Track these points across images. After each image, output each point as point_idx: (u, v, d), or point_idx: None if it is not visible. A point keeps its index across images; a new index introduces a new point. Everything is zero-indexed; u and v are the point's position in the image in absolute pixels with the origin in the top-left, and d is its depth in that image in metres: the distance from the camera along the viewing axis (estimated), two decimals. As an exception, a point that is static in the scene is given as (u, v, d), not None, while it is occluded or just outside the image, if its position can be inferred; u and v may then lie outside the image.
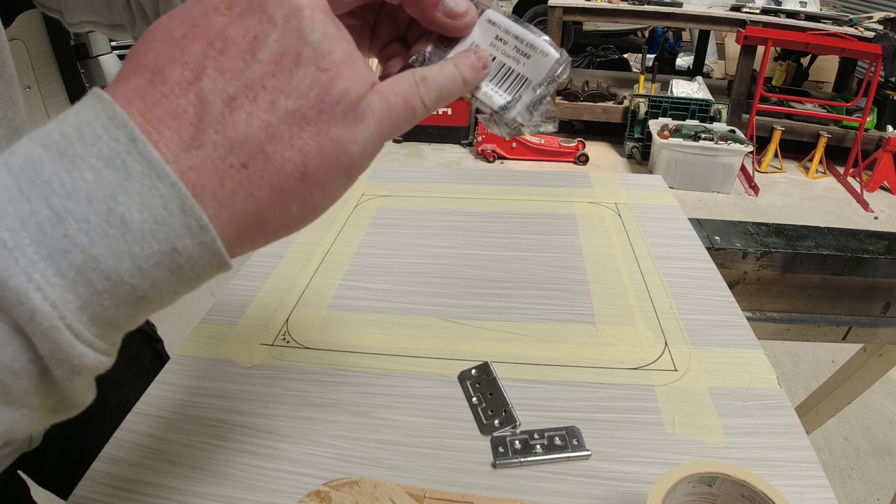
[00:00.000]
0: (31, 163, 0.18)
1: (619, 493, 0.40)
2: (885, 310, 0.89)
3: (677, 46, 5.52)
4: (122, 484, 0.40)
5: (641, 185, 0.86)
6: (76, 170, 0.18)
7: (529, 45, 0.28)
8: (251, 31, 0.21)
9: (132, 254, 0.19)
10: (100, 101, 0.20)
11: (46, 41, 2.44)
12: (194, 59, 0.21)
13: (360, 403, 0.47)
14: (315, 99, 0.22)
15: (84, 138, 0.19)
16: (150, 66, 0.21)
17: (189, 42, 0.21)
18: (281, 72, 0.21)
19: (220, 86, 0.21)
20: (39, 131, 0.20)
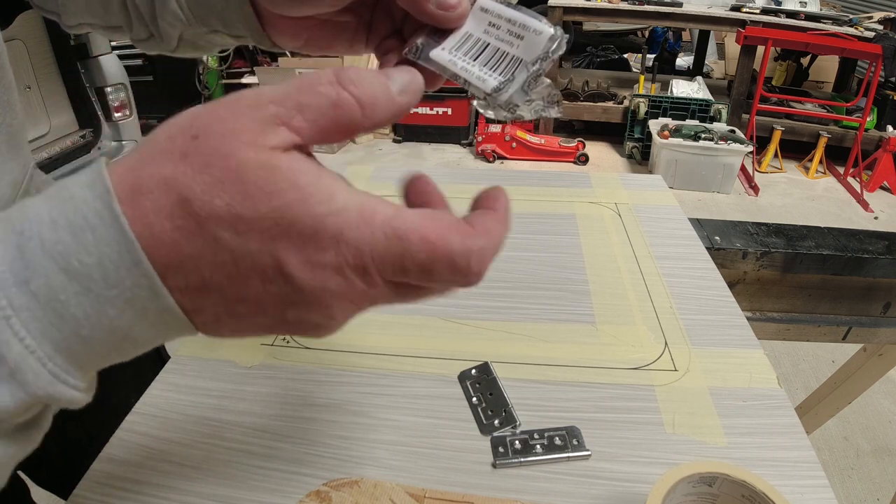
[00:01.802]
0: (55, 292, 0.20)
1: (619, 493, 0.40)
2: (885, 310, 0.89)
3: (677, 46, 5.52)
4: (122, 484, 0.40)
5: (641, 185, 0.86)
6: (101, 307, 0.21)
7: (522, 26, 0.28)
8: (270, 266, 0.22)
9: (134, 351, 0.23)
10: (121, 235, 0.20)
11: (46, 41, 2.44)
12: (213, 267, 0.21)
13: (360, 403, 0.47)
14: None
15: (108, 279, 0.20)
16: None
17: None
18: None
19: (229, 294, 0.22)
20: (51, 239, 0.20)
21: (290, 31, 0.34)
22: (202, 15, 0.34)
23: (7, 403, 0.20)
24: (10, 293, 0.20)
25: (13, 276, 0.20)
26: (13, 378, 0.20)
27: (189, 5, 0.34)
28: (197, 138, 0.21)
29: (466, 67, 0.27)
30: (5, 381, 0.20)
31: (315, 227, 0.21)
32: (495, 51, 0.28)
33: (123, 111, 2.69)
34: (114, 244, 0.20)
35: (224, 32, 0.35)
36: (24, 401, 0.21)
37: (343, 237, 0.21)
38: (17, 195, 0.39)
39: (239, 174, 0.20)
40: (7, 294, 0.20)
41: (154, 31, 0.36)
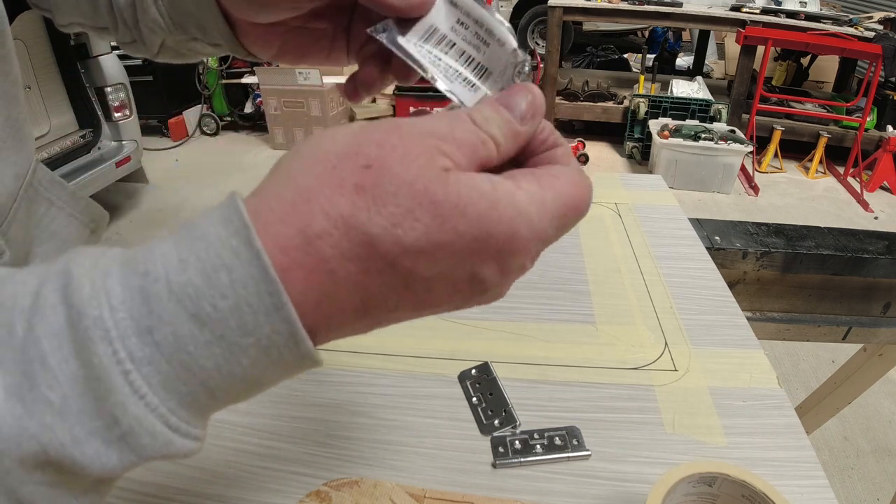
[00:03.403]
0: (183, 343, 0.18)
1: (619, 493, 0.40)
2: (885, 310, 0.89)
3: (677, 46, 5.52)
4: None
5: (641, 185, 0.86)
6: (234, 358, 0.19)
7: (488, 32, 0.27)
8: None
9: (258, 391, 0.22)
10: (263, 275, 0.18)
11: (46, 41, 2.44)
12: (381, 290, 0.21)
13: (360, 403, 0.47)
14: None
15: (245, 326, 0.18)
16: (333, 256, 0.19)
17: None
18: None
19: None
20: (179, 281, 0.18)
21: (262, 38, 0.33)
22: (181, 22, 0.34)
23: (113, 467, 0.19)
24: (129, 344, 0.18)
25: (134, 325, 0.18)
26: (124, 441, 0.18)
27: (168, 12, 0.33)
28: (370, 168, 0.19)
29: (431, 69, 0.26)
30: (114, 444, 0.18)
31: (510, 234, 0.20)
32: (461, 52, 0.27)
33: (123, 111, 2.70)
34: (252, 285, 0.18)
35: (203, 40, 0.34)
36: (132, 463, 0.19)
37: (533, 235, 0.21)
38: (22, 188, 0.39)
39: (429, 197, 0.19)
40: (126, 345, 0.18)
41: (137, 36, 0.36)
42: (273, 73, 3.37)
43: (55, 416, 0.18)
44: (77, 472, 0.18)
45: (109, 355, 0.18)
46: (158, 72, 3.50)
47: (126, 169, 2.68)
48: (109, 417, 0.18)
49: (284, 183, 0.20)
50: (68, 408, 0.18)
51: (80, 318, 0.18)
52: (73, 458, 0.18)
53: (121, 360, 0.18)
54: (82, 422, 0.18)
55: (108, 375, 0.18)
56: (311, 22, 0.32)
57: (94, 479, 0.19)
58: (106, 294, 0.18)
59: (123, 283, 0.18)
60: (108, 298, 0.18)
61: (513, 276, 0.22)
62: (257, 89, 3.60)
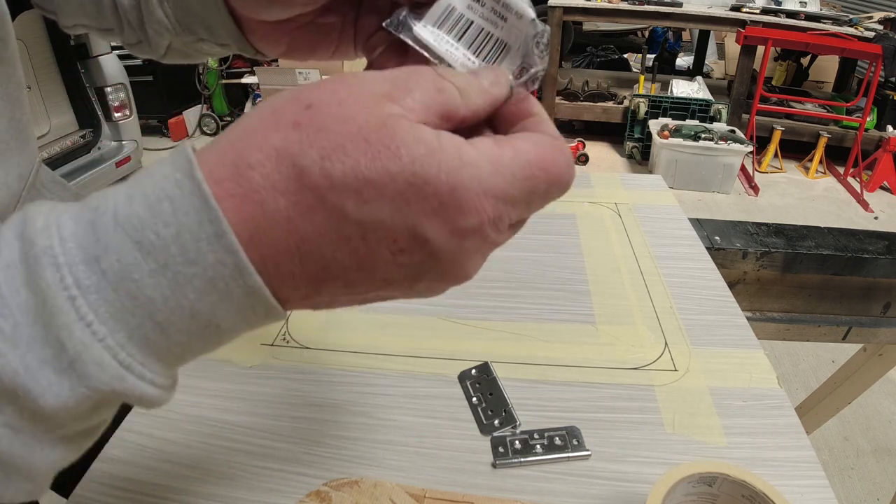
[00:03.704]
0: (127, 270, 0.18)
1: (619, 493, 0.40)
2: (885, 310, 0.89)
3: (677, 46, 5.52)
4: (122, 484, 0.40)
5: (641, 185, 0.86)
6: (179, 288, 0.19)
7: (505, 6, 0.26)
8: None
9: (218, 340, 0.22)
10: (203, 203, 0.19)
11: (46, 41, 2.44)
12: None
13: (360, 403, 0.47)
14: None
15: (187, 253, 0.19)
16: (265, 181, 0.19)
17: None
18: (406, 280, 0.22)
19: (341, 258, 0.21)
20: (125, 213, 0.19)
21: (271, 36, 0.32)
22: (187, 23, 0.34)
23: (65, 399, 0.19)
24: (76, 271, 0.18)
25: (82, 253, 0.18)
26: (73, 369, 0.18)
27: (174, 13, 0.33)
28: (311, 107, 0.19)
29: (450, 50, 0.26)
30: (65, 374, 0.18)
31: (451, 184, 0.19)
32: (479, 31, 0.26)
33: (123, 111, 2.70)
34: (193, 213, 0.18)
35: (210, 41, 0.34)
36: (84, 396, 0.19)
37: (482, 190, 0.20)
38: (25, 189, 0.39)
39: (362, 134, 0.19)
40: (74, 272, 0.18)
41: (143, 37, 0.36)
42: (273, 73, 3.37)
43: (7, 343, 0.18)
44: (32, 405, 0.18)
45: (57, 281, 0.18)
46: (158, 72, 3.51)
47: (126, 169, 2.68)
48: (57, 344, 0.18)
49: (230, 130, 0.21)
50: (20, 335, 0.18)
51: (31, 247, 0.18)
52: (26, 386, 0.18)
53: (67, 285, 0.18)
54: (33, 349, 0.18)
55: (55, 300, 0.18)
56: (319, 17, 0.32)
57: (54, 421, 0.19)
58: (57, 227, 0.19)
59: (75, 218, 0.19)
60: (59, 231, 0.19)
61: (470, 240, 0.21)
62: (257, 89, 3.60)
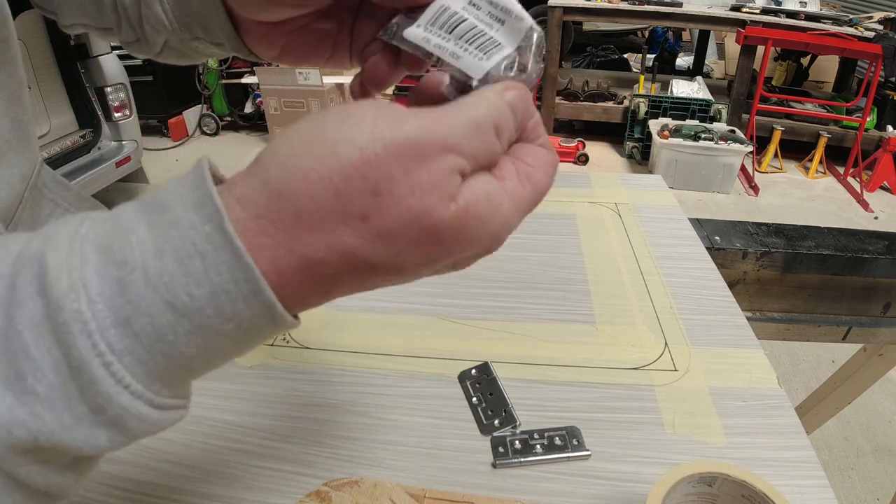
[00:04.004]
0: (161, 333, 0.18)
1: (619, 493, 0.40)
2: (885, 310, 0.89)
3: (677, 46, 5.52)
4: (122, 484, 0.40)
5: (641, 185, 0.86)
6: (214, 342, 0.19)
7: (504, 10, 0.26)
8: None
9: (234, 357, 0.21)
10: (236, 261, 0.18)
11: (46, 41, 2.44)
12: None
13: (360, 403, 0.47)
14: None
15: (223, 313, 0.18)
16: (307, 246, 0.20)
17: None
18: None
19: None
20: (155, 270, 0.18)
21: (266, 38, 0.32)
22: (185, 20, 0.34)
23: (104, 447, 0.19)
24: (108, 335, 0.18)
25: (112, 315, 0.18)
26: (112, 425, 0.19)
27: (172, 10, 0.33)
28: (379, 196, 0.19)
29: (440, 44, 0.25)
30: (103, 427, 0.19)
31: (492, 239, 0.22)
32: (472, 27, 0.26)
33: (123, 111, 2.70)
34: (227, 272, 0.18)
35: (206, 39, 0.34)
36: (122, 443, 0.20)
37: (508, 232, 0.23)
38: (27, 188, 0.39)
39: (437, 233, 0.20)
40: (105, 336, 0.18)
41: (140, 35, 0.36)
42: (273, 73, 3.37)
43: (43, 404, 0.18)
44: (68, 453, 0.19)
45: (89, 348, 0.18)
46: (158, 72, 3.50)
47: (126, 169, 2.68)
48: (95, 405, 0.18)
49: (280, 200, 0.19)
50: (54, 396, 0.18)
51: (59, 312, 0.18)
52: (64, 442, 0.18)
53: (101, 352, 0.18)
54: (69, 409, 0.18)
55: (90, 367, 0.18)
56: (315, 22, 0.32)
57: (84, 455, 0.20)
58: (84, 286, 0.18)
59: (101, 274, 0.18)
60: (87, 290, 0.18)
61: (472, 260, 0.23)
62: (257, 89, 3.60)
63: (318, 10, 0.31)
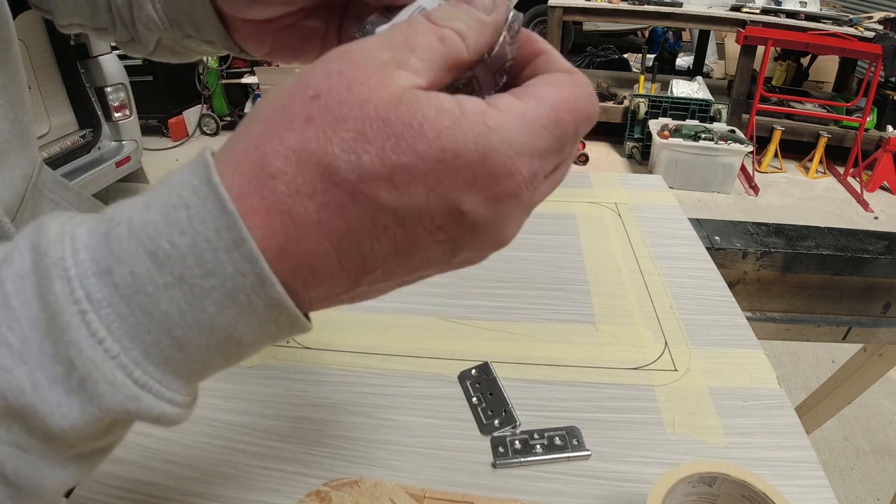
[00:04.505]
0: (141, 283, 0.17)
1: (619, 493, 0.40)
2: (885, 310, 0.89)
3: (677, 46, 5.52)
4: (122, 484, 0.40)
5: (641, 185, 0.86)
6: (196, 302, 0.18)
7: None
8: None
9: (240, 355, 0.21)
10: (221, 210, 0.17)
11: (46, 41, 2.44)
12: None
13: (360, 403, 0.47)
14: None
15: (204, 264, 0.17)
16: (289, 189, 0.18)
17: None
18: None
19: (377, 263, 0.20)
20: (140, 221, 0.18)
21: (255, 35, 0.33)
22: (176, 19, 0.34)
23: (76, 420, 0.18)
24: (88, 284, 0.17)
25: (94, 265, 0.17)
26: (82, 389, 0.18)
27: (164, 9, 0.34)
28: (318, 97, 0.18)
29: None
30: (75, 394, 0.18)
31: (482, 152, 0.18)
32: None
33: (123, 111, 2.70)
34: (210, 221, 0.17)
35: (197, 38, 0.35)
36: (96, 418, 0.18)
37: (514, 152, 0.18)
38: (28, 188, 0.40)
39: (381, 117, 0.18)
40: (84, 285, 0.17)
41: (134, 35, 0.36)
42: (273, 73, 3.37)
43: (14, 358, 0.17)
44: (41, 425, 0.18)
45: (67, 294, 0.17)
46: (158, 72, 3.50)
47: (126, 169, 2.68)
48: (67, 362, 0.17)
49: (240, 135, 0.19)
50: (28, 351, 0.17)
51: (43, 258, 0.18)
52: (34, 405, 0.17)
53: (77, 299, 0.17)
54: (43, 367, 0.17)
55: (64, 314, 0.17)
56: (303, 20, 0.32)
57: (65, 441, 0.19)
58: (71, 238, 0.18)
59: (90, 230, 0.18)
60: (73, 242, 0.18)
61: (507, 205, 0.19)
62: (257, 89, 3.60)
63: (305, 9, 0.31)
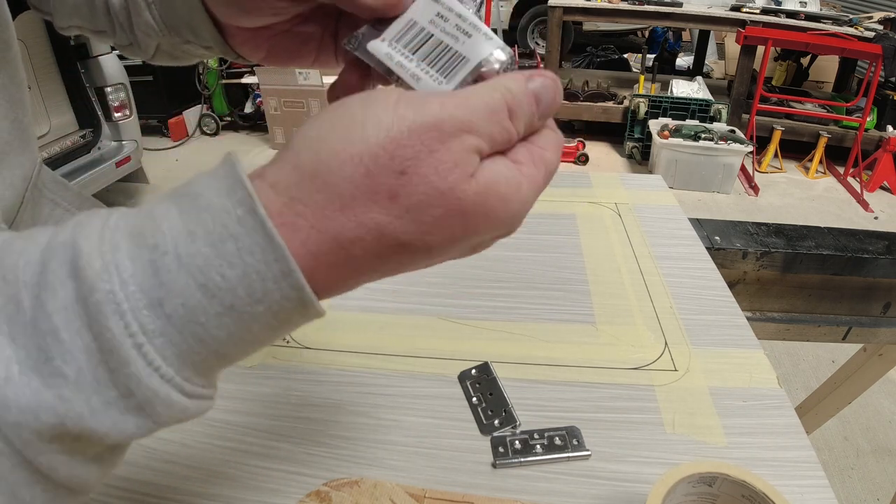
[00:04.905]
0: (193, 315, 0.19)
1: (619, 493, 0.40)
2: (885, 310, 0.89)
3: (677, 46, 5.52)
4: (122, 484, 0.40)
5: (641, 185, 0.86)
6: (244, 326, 0.19)
7: (472, 25, 0.26)
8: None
9: (262, 347, 0.22)
10: (268, 242, 0.19)
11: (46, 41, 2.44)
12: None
13: (360, 403, 0.47)
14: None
15: (253, 294, 0.19)
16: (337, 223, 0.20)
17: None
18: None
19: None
20: (188, 253, 0.19)
21: (251, 41, 0.33)
22: (174, 25, 0.34)
23: (131, 434, 0.19)
24: (141, 316, 0.18)
25: (145, 297, 0.18)
26: (141, 410, 0.19)
27: (161, 15, 0.34)
28: (405, 174, 0.20)
29: (402, 62, 0.25)
30: (131, 412, 0.19)
31: (513, 221, 0.23)
32: (437, 44, 0.25)
33: (123, 111, 2.70)
34: (259, 253, 0.19)
35: (195, 43, 0.35)
36: (150, 430, 0.20)
37: (526, 214, 0.23)
38: (28, 188, 0.40)
39: (462, 209, 0.21)
40: (138, 317, 0.18)
41: (133, 39, 0.36)
42: (273, 73, 3.36)
43: (71, 388, 0.18)
44: (95, 440, 0.19)
45: (122, 328, 0.18)
46: (158, 72, 3.50)
47: (126, 169, 2.68)
48: (124, 388, 0.18)
49: (312, 181, 0.20)
50: (83, 380, 0.18)
51: (91, 293, 0.18)
52: (92, 428, 0.18)
53: (133, 332, 0.18)
54: (98, 392, 0.18)
55: (121, 348, 0.18)
56: (298, 26, 0.32)
57: (110, 445, 0.20)
58: (116, 268, 0.18)
59: (133, 258, 0.19)
60: (119, 273, 0.18)
61: (493, 241, 0.25)
62: (257, 89, 3.60)
63: (300, 15, 0.31)
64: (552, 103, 0.24)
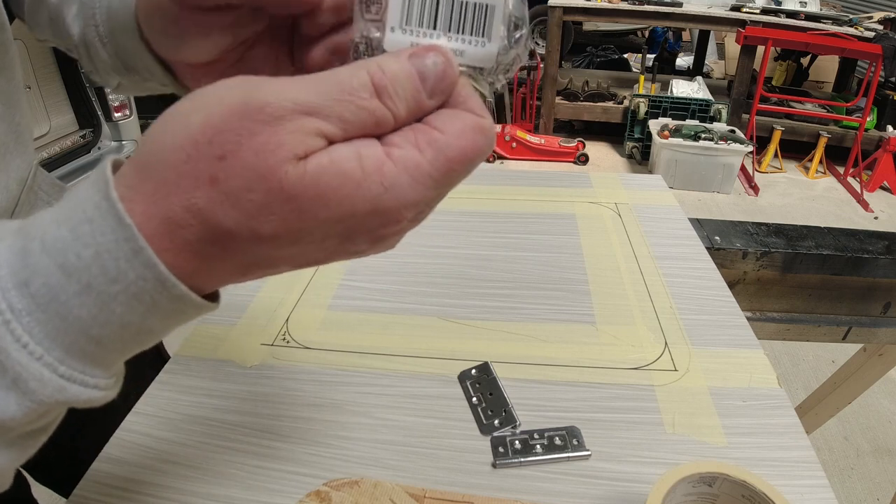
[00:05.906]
0: (54, 293, 0.20)
1: (619, 493, 0.40)
2: (885, 310, 0.89)
3: (677, 46, 5.52)
4: (122, 484, 0.40)
5: (641, 185, 0.86)
6: (105, 306, 0.20)
7: None
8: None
9: (154, 339, 0.23)
10: (118, 223, 0.19)
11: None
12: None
13: (360, 403, 0.47)
14: None
15: (107, 273, 0.19)
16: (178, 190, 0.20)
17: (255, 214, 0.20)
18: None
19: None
20: (52, 237, 0.20)
21: (203, 78, 0.30)
22: (129, 63, 0.33)
23: (14, 413, 0.20)
24: (9, 296, 0.20)
25: (13, 278, 0.20)
26: (16, 386, 0.20)
27: (117, 54, 0.33)
28: (224, 159, 0.19)
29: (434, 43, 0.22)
30: (10, 391, 0.20)
31: (378, 209, 0.20)
32: (450, 4, 0.22)
33: (123, 111, 2.69)
34: (110, 233, 0.19)
35: (153, 80, 0.34)
36: (32, 409, 0.20)
37: (402, 205, 0.21)
38: (23, 191, 0.40)
39: (285, 192, 0.19)
40: (6, 297, 0.19)
41: (93, 69, 0.36)
42: (273, 73, 3.36)
43: None
44: None
45: None
46: (158, 72, 3.50)
47: (126, 169, 2.67)
48: (0, 365, 0.20)
49: (144, 171, 0.20)
50: None
51: None
52: None
53: (2, 310, 0.19)
54: None
55: None
56: (248, 52, 0.30)
57: (4, 428, 0.21)
58: None
59: (10, 246, 0.20)
60: None
61: (390, 238, 0.22)
62: (257, 89, 3.59)
63: (245, 42, 0.29)
64: (442, 79, 0.21)
